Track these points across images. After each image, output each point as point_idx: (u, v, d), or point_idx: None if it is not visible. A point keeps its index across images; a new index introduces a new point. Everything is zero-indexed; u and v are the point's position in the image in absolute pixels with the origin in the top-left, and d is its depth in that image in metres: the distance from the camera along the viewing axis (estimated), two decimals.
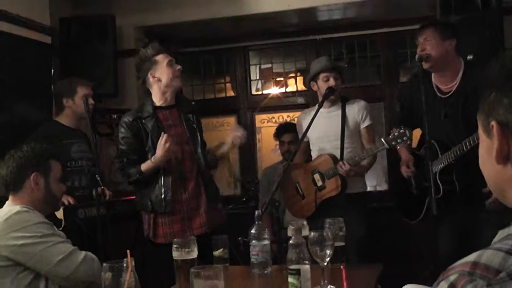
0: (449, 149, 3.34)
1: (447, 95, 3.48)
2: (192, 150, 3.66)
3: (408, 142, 3.54)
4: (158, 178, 3.57)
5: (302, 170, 4.05)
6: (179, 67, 3.68)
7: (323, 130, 4.00)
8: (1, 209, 2.56)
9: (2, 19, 4.30)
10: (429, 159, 3.23)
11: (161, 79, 3.65)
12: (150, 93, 3.73)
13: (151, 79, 3.66)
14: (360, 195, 3.97)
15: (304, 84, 5.06)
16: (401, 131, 3.51)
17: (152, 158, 3.52)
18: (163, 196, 3.54)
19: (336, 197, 3.85)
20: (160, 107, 3.68)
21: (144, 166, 3.55)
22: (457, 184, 3.36)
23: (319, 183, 3.90)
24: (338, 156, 3.90)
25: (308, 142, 4.13)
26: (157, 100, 3.69)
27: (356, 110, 4.00)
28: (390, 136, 3.56)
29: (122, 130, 3.65)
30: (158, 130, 3.58)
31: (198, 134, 3.71)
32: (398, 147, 3.67)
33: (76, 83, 4.12)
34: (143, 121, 3.61)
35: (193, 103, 3.99)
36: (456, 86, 3.45)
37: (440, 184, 3.39)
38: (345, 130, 3.94)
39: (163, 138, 3.47)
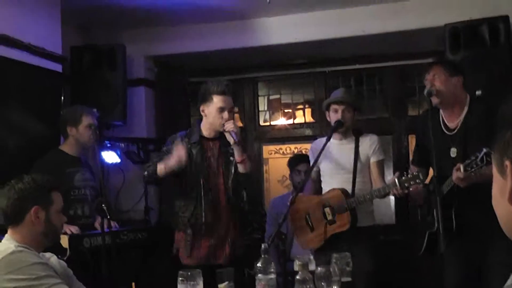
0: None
1: (453, 132, 3.49)
2: (225, 182, 3.82)
3: (421, 185, 3.54)
4: (197, 200, 3.74)
5: (313, 202, 4.04)
6: (226, 116, 3.72)
7: (335, 162, 4.00)
8: None
9: (15, 47, 4.34)
10: (437, 195, 3.22)
11: (207, 117, 3.80)
12: (200, 121, 3.88)
13: (201, 110, 3.82)
14: (368, 228, 3.95)
15: (315, 118, 5.10)
16: (414, 173, 3.50)
17: (175, 152, 3.69)
18: (203, 219, 3.71)
19: (346, 231, 3.83)
20: (205, 138, 3.84)
21: (161, 165, 3.72)
22: (454, 221, 3.35)
23: (329, 217, 3.88)
24: (350, 190, 3.90)
25: (319, 171, 4.13)
26: (205, 129, 3.85)
27: (368, 145, 3.99)
28: (403, 178, 3.55)
29: (169, 143, 3.84)
30: (201, 158, 3.77)
31: (233, 167, 3.82)
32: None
33: (81, 112, 4.15)
34: (190, 145, 3.80)
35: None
36: (461, 122, 3.46)
37: (436, 220, 3.40)
38: (357, 165, 3.93)
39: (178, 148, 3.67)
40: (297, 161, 5.01)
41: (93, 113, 4.19)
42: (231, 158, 3.82)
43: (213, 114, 3.75)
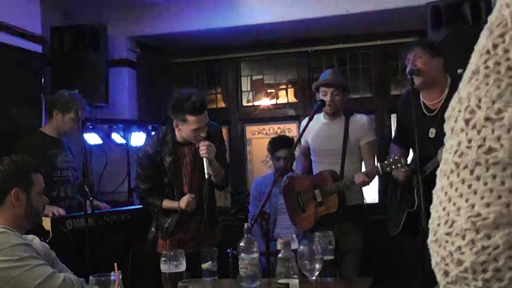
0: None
1: (434, 113, 3.52)
2: (200, 183, 3.77)
3: (403, 170, 3.57)
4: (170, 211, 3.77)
5: (304, 183, 4.09)
6: (202, 136, 3.60)
7: (324, 142, 4.05)
8: None
9: None
10: (419, 173, 3.25)
11: (181, 131, 3.66)
12: (173, 127, 3.72)
13: (175, 125, 3.67)
14: (357, 207, 4.00)
15: (297, 98, 5.10)
16: (396, 157, 3.55)
17: (178, 204, 3.67)
18: (166, 225, 3.74)
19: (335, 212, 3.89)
20: (180, 143, 3.74)
21: (167, 204, 3.74)
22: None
23: (319, 199, 3.94)
24: (338, 172, 3.94)
25: (309, 148, 4.17)
26: (179, 137, 3.71)
27: (358, 126, 4.02)
28: (385, 162, 3.60)
29: (141, 157, 3.79)
30: (175, 168, 3.71)
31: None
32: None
33: (73, 102, 4.06)
34: (163, 154, 3.71)
35: (216, 127, 3.93)
36: (441, 102, 3.49)
37: (416, 199, 3.50)
38: (346, 146, 3.96)
39: (185, 201, 3.64)
40: (276, 146, 4.92)
41: (84, 106, 4.13)
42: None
43: (187, 132, 3.62)
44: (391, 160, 3.59)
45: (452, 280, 0.59)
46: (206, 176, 3.59)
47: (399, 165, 3.53)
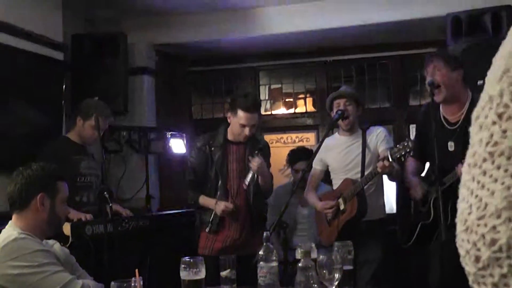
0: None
1: (454, 127, 3.49)
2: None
3: (411, 154, 3.52)
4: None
5: (329, 196, 4.07)
6: (247, 133, 3.81)
7: (345, 159, 4.06)
8: (2, 231, 2.50)
9: (16, 35, 4.34)
10: (438, 185, 3.23)
11: (232, 124, 3.89)
12: (228, 124, 3.93)
13: (228, 116, 3.92)
14: (379, 221, 4.01)
15: (316, 107, 5.10)
16: (404, 143, 3.49)
17: (216, 205, 3.84)
18: (211, 219, 3.89)
19: (355, 220, 3.85)
20: (231, 141, 3.93)
21: (203, 201, 3.93)
22: (450, 216, 3.36)
23: (342, 207, 3.92)
24: None
25: (321, 170, 4.18)
26: (230, 133, 3.93)
27: (375, 136, 4.01)
28: (394, 148, 3.56)
29: (192, 152, 4.03)
30: (222, 162, 3.89)
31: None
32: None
33: (94, 109, 4.07)
34: (212, 149, 3.90)
35: (265, 142, 4.16)
36: (463, 116, 3.45)
37: (431, 211, 3.47)
38: (365, 159, 3.95)
39: (222, 207, 3.80)
40: (295, 158, 4.97)
41: (107, 115, 4.15)
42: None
43: (235, 126, 3.84)
44: (399, 146, 3.53)
45: (484, 265, 0.61)
46: (245, 187, 3.85)
47: (407, 149, 3.47)
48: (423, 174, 3.76)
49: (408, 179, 3.73)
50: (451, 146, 3.46)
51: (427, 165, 3.79)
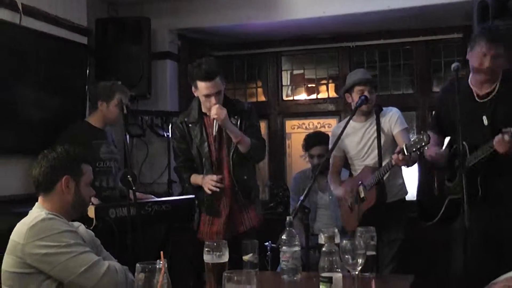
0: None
1: (485, 99, 3.42)
2: (228, 155, 3.85)
3: (427, 147, 3.48)
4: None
5: (351, 183, 4.08)
6: (213, 102, 3.70)
7: (361, 145, 4.07)
8: (30, 212, 2.53)
9: (41, 19, 4.37)
10: (461, 161, 3.18)
11: (200, 97, 3.82)
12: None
13: (193, 91, 3.83)
14: (399, 202, 4.02)
15: (338, 93, 5.07)
16: (420, 136, 3.44)
17: (202, 181, 3.83)
18: (205, 198, 3.89)
19: (374, 208, 3.85)
20: (206, 114, 3.85)
21: (193, 179, 3.93)
22: (480, 189, 3.30)
23: (362, 195, 3.92)
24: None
25: (340, 157, 4.17)
26: (203, 107, 3.84)
27: (388, 118, 4.01)
28: (409, 143, 3.52)
29: (174, 135, 4.04)
30: (201, 138, 3.85)
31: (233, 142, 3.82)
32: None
33: (115, 89, 4.16)
34: (190, 125, 3.86)
35: (247, 106, 4.04)
36: (494, 92, 3.38)
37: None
38: (381, 141, 3.93)
39: (208, 181, 3.78)
40: (311, 143, 4.92)
41: (126, 93, 4.22)
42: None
43: (202, 100, 3.77)
44: (416, 139, 3.48)
45: None
46: (212, 137, 3.79)
47: (423, 143, 3.42)
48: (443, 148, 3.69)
49: (432, 152, 3.61)
50: (485, 120, 3.38)
51: (447, 139, 3.72)
